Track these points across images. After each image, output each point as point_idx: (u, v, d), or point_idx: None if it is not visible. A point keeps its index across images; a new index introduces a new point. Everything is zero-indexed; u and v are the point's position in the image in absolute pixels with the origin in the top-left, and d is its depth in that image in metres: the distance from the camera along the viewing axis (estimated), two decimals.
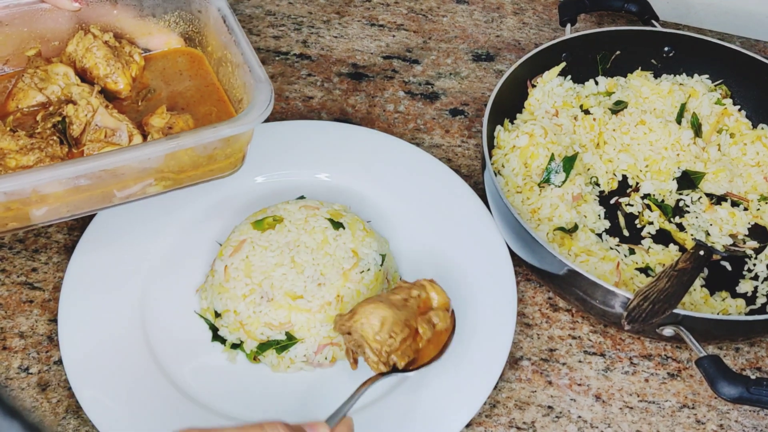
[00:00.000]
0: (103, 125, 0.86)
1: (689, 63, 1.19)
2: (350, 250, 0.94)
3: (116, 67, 0.91)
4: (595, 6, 1.24)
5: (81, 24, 0.93)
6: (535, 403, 0.91)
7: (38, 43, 0.93)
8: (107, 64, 0.91)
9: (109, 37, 0.93)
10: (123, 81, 0.91)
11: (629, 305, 0.83)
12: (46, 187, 0.77)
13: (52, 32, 0.93)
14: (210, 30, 0.93)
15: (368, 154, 1.09)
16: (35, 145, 0.82)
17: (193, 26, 0.96)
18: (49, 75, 0.89)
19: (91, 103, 0.87)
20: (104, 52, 0.91)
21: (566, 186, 1.04)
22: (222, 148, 0.85)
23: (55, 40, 0.94)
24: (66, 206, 0.82)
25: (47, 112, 0.87)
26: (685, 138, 1.10)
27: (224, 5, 0.91)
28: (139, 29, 0.95)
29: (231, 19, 0.90)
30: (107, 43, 0.92)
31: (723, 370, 0.80)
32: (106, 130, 0.86)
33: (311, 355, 0.90)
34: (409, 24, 1.38)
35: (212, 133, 0.79)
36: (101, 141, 0.85)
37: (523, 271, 1.03)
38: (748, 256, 1.02)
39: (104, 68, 0.91)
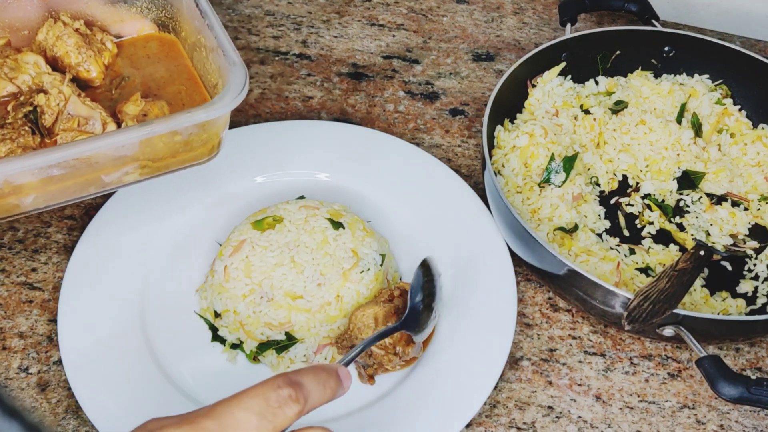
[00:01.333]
0: (76, 114, 0.84)
1: (689, 63, 1.19)
2: (350, 250, 0.94)
3: (88, 55, 0.89)
4: (595, 6, 1.24)
5: (50, 12, 0.91)
6: (535, 403, 0.91)
7: (7, 32, 0.91)
8: (78, 52, 0.89)
9: (79, 24, 0.91)
10: (95, 69, 0.90)
11: (629, 305, 0.83)
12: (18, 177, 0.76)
13: (21, 21, 0.91)
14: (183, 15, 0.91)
15: (368, 154, 1.09)
16: (6, 136, 0.81)
17: (165, 12, 0.94)
18: (19, 64, 0.88)
19: (63, 91, 0.85)
20: (75, 40, 0.89)
21: (566, 186, 1.04)
22: (198, 133, 0.84)
23: (24, 29, 0.92)
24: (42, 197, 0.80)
25: (18, 102, 0.85)
26: (685, 138, 1.10)
27: None
28: (110, 16, 0.93)
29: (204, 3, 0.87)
30: (78, 31, 0.90)
31: (723, 370, 0.80)
32: (79, 119, 0.84)
33: (311, 355, 0.90)
34: (409, 24, 1.37)
35: (186, 118, 0.78)
36: (74, 130, 0.84)
37: (523, 271, 1.03)
38: (749, 256, 1.02)
39: (76, 56, 0.89)
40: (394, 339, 0.88)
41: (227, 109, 0.78)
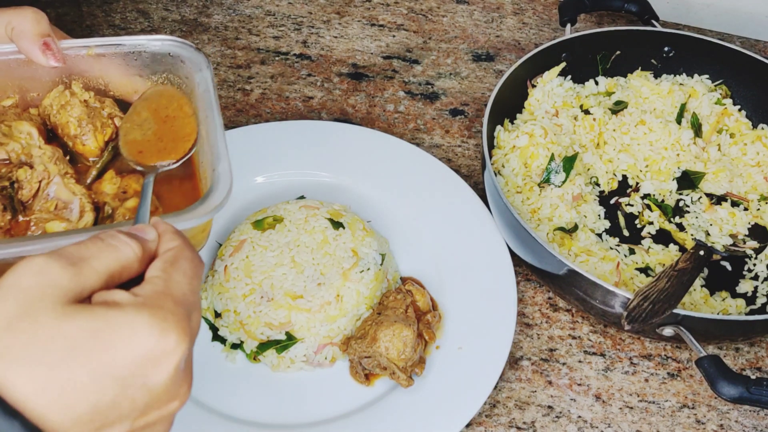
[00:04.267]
0: (56, 196, 0.81)
1: (689, 63, 1.19)
2: (350, 250, 0.94)
3: (87, 129, 0.86)
4: (595, 6, 1.24)
5: (63, 77, 0.89)
6: (535, 403, 0.91)
7: (16, 92, 0.88)
8: (79, 124, 0.86)
9: (89, 96, 0.88)
10: (93, 144, 0.86)
11: (629, 305, 0.83)
12: None
13: (31, 83, 0.88)
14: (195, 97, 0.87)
15: (368, 154, 1.09)
16: None
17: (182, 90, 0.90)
18: (11, 131, 0.84)
19: (49, 169, 0.82)
20: (78, 112, 0.87)
21: (566, 186, 1.04)
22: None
23: (34, 91, 0.89)
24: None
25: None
26: (685, 138, 1.10)
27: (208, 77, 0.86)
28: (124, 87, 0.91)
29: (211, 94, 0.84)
30: (86, 102, 0.88)
31: (723, 370, 0.80)
32: (58, 202, 0.81)
33: (311, 355, 0.90)
34: (409, 24, 1.38)
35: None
36: (50, 212, 0.80)
37: (523, 271, 1.03)
38: (748, 256, 1.02)
39: (75, 128, 0.86)
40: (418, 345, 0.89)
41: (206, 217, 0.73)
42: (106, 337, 0.46)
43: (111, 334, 0.46)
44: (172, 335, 0.48)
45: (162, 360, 0.48)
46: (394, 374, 0.87)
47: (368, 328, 0.88)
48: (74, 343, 0.45)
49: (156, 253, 0.55)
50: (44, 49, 0.82)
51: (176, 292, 0.51)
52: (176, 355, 0.48)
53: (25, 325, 0.45)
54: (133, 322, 0.47)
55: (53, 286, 0.47)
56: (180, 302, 0.50)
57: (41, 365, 0.45)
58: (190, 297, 0.52)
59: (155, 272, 0.52)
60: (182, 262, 0.54)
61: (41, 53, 0.82)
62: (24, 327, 0.45)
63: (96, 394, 0.45)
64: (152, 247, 0.55)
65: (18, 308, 0.46)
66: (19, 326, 0.45)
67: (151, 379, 0.47)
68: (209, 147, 0.80)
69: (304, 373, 0.91)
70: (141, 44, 0.88)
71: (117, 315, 0.47)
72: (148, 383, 0.47)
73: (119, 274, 0.52)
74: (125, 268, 0.52)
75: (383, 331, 0.87)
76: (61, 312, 0.46)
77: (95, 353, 0.46)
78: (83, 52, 0.86)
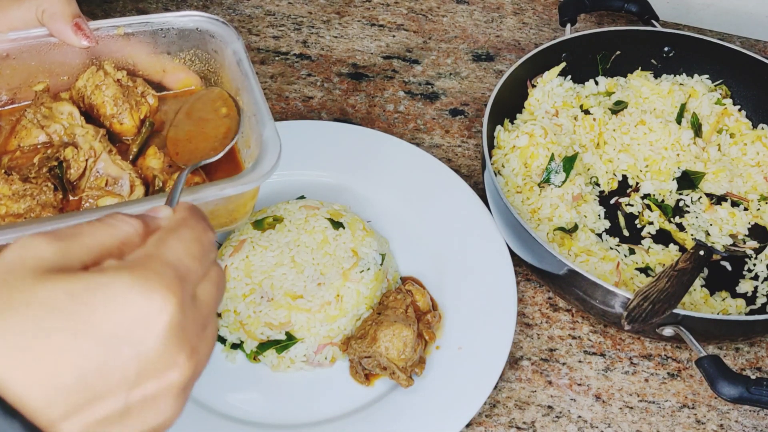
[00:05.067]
0: (105, 173, 0.81)
1: (689, 63, 1.19)
2: (350, 250, 0.94)
3: (123, 107, 0.86)
4: (595, 6, 1.24)
5: (92, 59, 0.88)
6: (535, 403, 0.91)
7: (47, 77, 0.88)
8: (115, 103, 0.86)
9: (122, 75, 0.88)
10: (129, 122, 0.86)
11: (629, 305, 0.83)
12: None
13: (62, 66, 0.88)
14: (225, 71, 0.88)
15: (368, 154, 1.09)
16: (27, 192, 0.77)
17: (209, 65, 0.91)
18: (53, 113, 0.85)
19: (94, 147, 0.82)
20: (113, 91, 0.86)
21: (566, 186, 1.04)
22: (224, 204, 0.80)
23: (64, 75, 0.89)
24: None
25: (44, 156, 0.82)
26: (685, 138, 1.10)
27: (240, 48, 0.86)
28: (152, 66, 0.90)
29: (246, 64, 0.85)
30: (119, 82, 0.88)
31: (723, 370, 0.80)
32: (108, 178, 0.81)
33: (311, 355, 0.90)
34: (409, 24, 1.38)
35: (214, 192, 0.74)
36: (101, 189, 0.81)
37: (523, 271, 1.03)
38: (748, 256, 1.02)
39: (111, 107, 0.86)
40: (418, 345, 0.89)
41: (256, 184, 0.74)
42: (84, 299, 0.44)
43: (90, 297, 0.44)
44: (155, 295, 0.45)
45: (148, 321, 0.45)
46: (394, 374, 0.87)
47: (368, 328, 0.88)
48: (51, 306, 0.43)
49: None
50: (76, 29, 0.82)
51: (167, 255, 0.48)
52: (163, 316, 0.45)
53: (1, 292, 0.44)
54: (113, 283, 0.45)
55: (33, 257, 0.46)
56: (169, 264, 0.48)
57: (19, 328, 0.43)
58: (185, 260, 0.49)
59: (151, 240, 0.50)
60: (182, 230, 0.51)
61: (74, 34, 0.82)
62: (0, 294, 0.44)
63: (79, 358, 0.43)
64: (160, 224, 0.53)
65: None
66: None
67: (140, 344, 0.45)
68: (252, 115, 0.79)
69: (304, 373, 0.91)
70: (168, 21, 0.88)
71: (96, 277, 0.45)
72: (137, 347, 0.45)
73: (118, 250, 0.49)
74: (125, 244, 0.50)
75: (383, 331, 0.87)
76: (37, 278, 0.44)
77: (74, 315, 0.43)
78: (113, 32, 0.87)
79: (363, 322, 0.91)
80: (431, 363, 0.90)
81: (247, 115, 0.81)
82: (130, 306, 0.45)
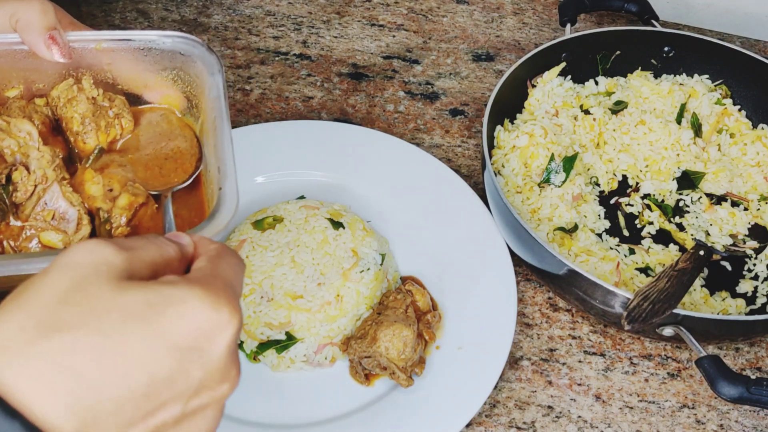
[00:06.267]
0: (53, 205, 0.77)
1: (689, 63, 1.19)
2: (350, 250, 0.94)
3: (90, 127, 0.83)
4: (595, 6, 1.24)
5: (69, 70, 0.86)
6: (535, 403, 0.91)
7: (21, 83, 0.85)
8: (82, 121, 0.83)
9: (98, 93, 0.85)
10: (93, 143, 0.84)
11: (629, 305, 0.83)
12: None
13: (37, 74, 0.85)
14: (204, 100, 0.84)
15: (368, 154, 1.09)
16: None
17: (191, 88, 0.88)
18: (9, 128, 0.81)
19: (47, 174, 0.78)
20: (84, 109, 0.84)
21: (566, 186, 1.04)
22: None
23: (40, 83, 0.86)
24: None
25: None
26: (685, 138, 1.10)
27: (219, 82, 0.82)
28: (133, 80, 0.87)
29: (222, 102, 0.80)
30: (94, 100, 0.85)
31: (723, 370, 0.80)
32: (55, 212, 0.77)
33: (311, 355, 0.90)
34: (409, 24, 1.38)
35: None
36: (46, 222, 0.76)
37: (523, 271, 1.03)
38: (748, 256, 1.02)
39: (77, 124, 0.83)
40: (418, 345, 0.89)
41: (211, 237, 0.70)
42: (161, 308, 0.46)
43: (166, 306, 0.46)
44: (224, 309, 0.48)
45: (216, 334, 0.47)
46: (394, 374, 0.87)
47: (368, 328, 0.88)
48: (130, 313, 0.45)
49: (195, 254, 0.55)
50: (50, 43, 0.79)
51: (224, 274, 0.51)
52: (229, 330, 0.48)
53: (80, 297, 0.45)
54: (187, 295, 0.47)
55: (107, 264, 0.47)
56: (229, 284, 0.50)
57: (98, 334, 0.44)
58: (237, 287, 0.52)
59: (201, 263, 0.52)
60: (226, 257, 0.54)
61: (46, 48, 0.79)
62: (79, 299, 0.45)
63: (153, 363, 0.45)
64: (189, 251, 0.55)
65: (72, 282, 0.46)
66: (75, 299, 0.45)
67: (206, 353, 0.47)
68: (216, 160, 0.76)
69: (304, 373, 0.91)
70: (151, 40, 0.85)
71: (171, 288, 0.47)
72: (204, 357, 0.47)
73: (163, 270, 0.51)
74: (168, 264, 0.52)
75: (383, 331, 0.87)
76: (116, 285, 0.46)
77: (152, 323, 0.45)
78: (92, 45, 0.83)
79: (363, 322, 0.91)
80: (431, 363, 0.90)
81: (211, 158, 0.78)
82: (201, 318, 0.47)
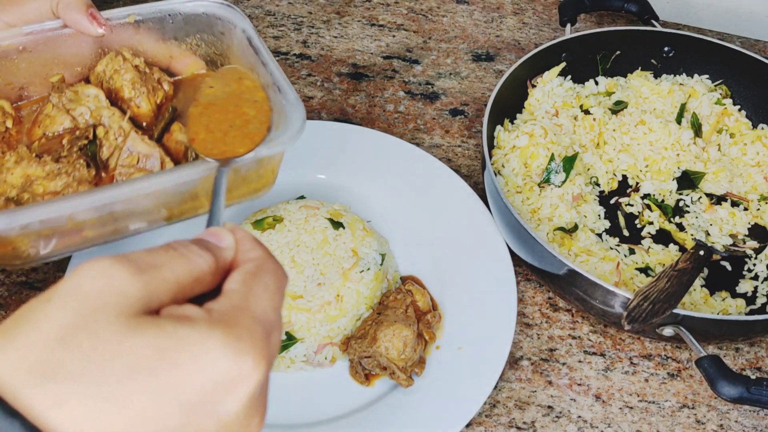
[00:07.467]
0: (136, 151, 0.82)
1: (689, 63, 1.19)
2: (350, 250, 0.94)
3: (141, 91, 0.88)
4: (595, 6, 1.24)
5: (104, 49, 0.91)
6: (535, 403, 0.91)
7: (62, 68, 0.90)
8: (133, 87, 0.88)
9: (139, 61, 0.91)
10: (146, 106, 0.88)
11: (629, 305, 0.83)
12: (84, 213, 0.73)
13: (75, 57, 0.90)
14: (233, 52, 0.90)
15: (368, 154, 1.09)
16: (62, 170, 0.79)
17: (215, 48, 0.93)
18: (78, 96, 0.86)
19: (123, 127, 0.84)
20: (132, 75, 0.89)
21: (566, 186, 1.04)
22: (255, 169, 0.82)
23: (78, 66, 0.91)
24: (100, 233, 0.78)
25: (74, 136, 0.83)
26: (685, 138, 1.10)
27: (249, 26, 0.89)
28: (161, 53, 0.93)
29: (257, 41, 0.87)
30: (137, 68, 0.90)
31: (723, 370, 0.80)
32: (139, 156, 0.82)
33: (311, 355, 0.91)
34: (409, 24, 1.38)
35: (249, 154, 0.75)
36: (133, 167, 0.82)
37: (523, 271, 1.03)
38: (748, 256, 1.02)
39: (129, 91, 0.88)
40: (418, 345, 0.89)
41: (287, 145, 0.77)
42: (174, 357, 0.40)
43: (180, 354, 0.41)
44: (248, 358, 0.42)
45: (235, 386, 0.42)
46: (394, 374, 0.87)
47: (368, 328, 0.88)
48: (138, 362, 0.40)
49: (234, 263, 0.50)
50: (91, 18, 0.84)
51: (256, 308, 0.45)
52: (251, 381, 0.42)
53: (82, 338, 0.40)
54: (206, 341, 0.41)
55: (118, 294, 0.42)
56: (259, 320, 0.44)
57: (98, 386, 0.39)
58: (271, 315, 0.46)
59: (234, 285, 0.47)
60: (264, 275, 0.48)
61: (89, 23, 0.84)
62: (81, 341, 0.40)
63: (159, 422, 0.40)
64: (227, 257, 0.49)
65: (76, 318, 0.40)
66: (76, 339, 0.40)
67: (221, 408, 0.42)
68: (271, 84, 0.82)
69: (304, 373, 0.91)
70: (175, 7, 0.91)
71: (188, 332, 0.42)
72: (218, 412, 0.42)
73: (191, 288, 0.46)
74: (197, 281, 0.46)
75: (383, 331, 0.87)
76: (125, 325, 0.41)
77: (161, 375, 0.40)
78: (123, 20, 0.89)
79: (363, 322, 0.91)
80: (431, 363, 0.90)
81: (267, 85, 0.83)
82: (219, 370, 0.42)
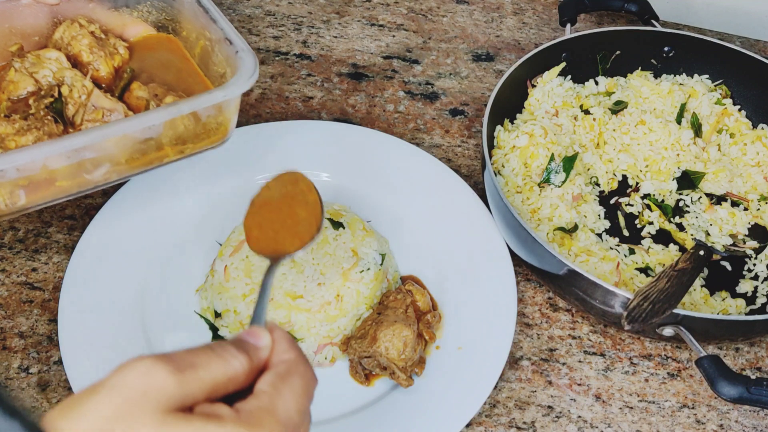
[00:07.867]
0: (100, 106, 0.88)
1: (689, 63, 1.19)
2: (350, 250, 0.94)
3: (99, 55, 0.94)
4: (595, 6, 1.24)
5: (59, 18, 0.97)
6: (535, 403, 0.91)
7: (19, 38, 0.96)
8: (91, 51, 0.93)
9: (95, 28, 0.96)
10: (105, 69, 0.94)
11: (629, 305, 0.83)
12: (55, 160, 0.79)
13: (32, 28, 0.96)
14: (184, 16, 0.97)
15: (368, 154, 1.09)
16: (32, 126, 0.84)
17: (165, 14, 1.00)
18: (40, 59, 0.91)
19: (86, 86, 0.89)
20: (89, 41, 0.94)
21: (566, 186, 1.04)
22: (214, 116, 0.89)
23: (35, 36, 0.97)
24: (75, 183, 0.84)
25: (40, 95, 0.88)
26: (685, 138, 1.10)
27: None
28: (113, 20, 0.98)
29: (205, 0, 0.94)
30: (93, 34, 0.95)
31: (723, 370, 0.80)
32: (104, 111, 0.87)
33: (311, 355, 0.90)
34: (409, 24, 1.38)
35: (207, 98, 0.83)
36: (98, 121, 0.87)
37: (523, 271, 1.03)
38: (748, 256, 1.02)
39: (87, 55, 0.93)
40: (418, 345, 0.89)
41: (243, 89, 0.84)
42: None
43: None
44: None
45: None
46: (394, 374, 0.87)
47: (368, 328, 0.88)
48: None
49: (267, 363, 0.54)
50: None
51: (281, 410, 0.49)
52: None
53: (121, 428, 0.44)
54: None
55: (157, 390, 0.46)
56: (283, 422, 0.49)
57: None
58: (295, 417, 0.50)
59: (264, 386, 0.51)
60: (294, 378, 0.52)
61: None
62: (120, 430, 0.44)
63: None
64: (263, 356, 0.54)
65: (116, 410, 0.45)
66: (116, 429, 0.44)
67: None
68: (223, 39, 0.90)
69: None
70: None
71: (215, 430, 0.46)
72: None
73: (224, 387, 0.50)
74: (231, 381, 0.50)
75: (383, 331, 0.87)
76: (160, 421, 0.45)
77: None
78: None
79: (363, 322, 0.91)
80: (431, 363, 0.90)
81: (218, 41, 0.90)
82: None
